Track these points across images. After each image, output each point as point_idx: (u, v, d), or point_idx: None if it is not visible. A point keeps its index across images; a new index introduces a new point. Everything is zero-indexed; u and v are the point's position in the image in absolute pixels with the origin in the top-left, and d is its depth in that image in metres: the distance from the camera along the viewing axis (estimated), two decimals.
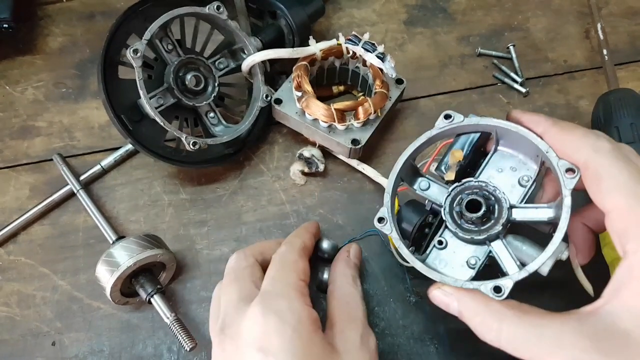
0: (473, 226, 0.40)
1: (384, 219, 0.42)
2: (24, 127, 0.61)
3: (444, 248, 0.42)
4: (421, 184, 0.45)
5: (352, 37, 0.56)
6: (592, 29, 0.65)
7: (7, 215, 0.56)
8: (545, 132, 0.39)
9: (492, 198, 0.40)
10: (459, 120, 0.42)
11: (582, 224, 0.42)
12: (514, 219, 0.40)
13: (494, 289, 0.36)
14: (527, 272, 0.36)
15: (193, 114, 0.57)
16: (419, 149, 0.43)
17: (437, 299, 0.38)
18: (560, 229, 0.36)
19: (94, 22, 0.67)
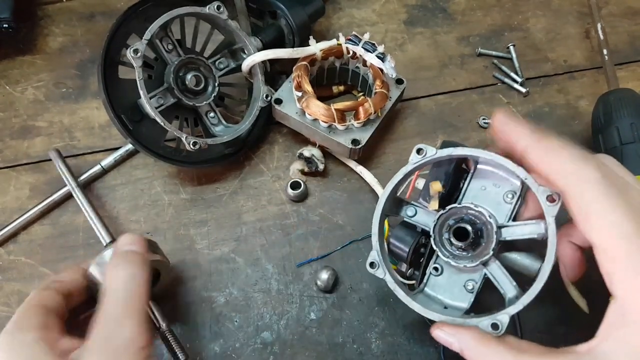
0: (465, 252, 0.40)
1: (375, 263, 0.42)
2: (24, 127, 0.61)
3: (441, 274, 0.42)
4: (407, 212, 0.44)
5: (352, 37, 0.56)
6: (592, 29, 0.65)
7: (8, 215, 0.56)
8: (528, 149, 0.36)
9: (479, 221, 0.40)
10: (432, 154, 0.41)
11: (569, 242, 0.40)
12: (504, 238, 0.40)
13: (492, 326, 0.36)
14: (522, 305, 0.36)
15: (193, 114, 0.57)
16: (397, 186, 0.43)
17: (440, 339, 0.38)
18: (548, 261, 0.36)
19: (94, 22, 0.67)
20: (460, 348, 0.37)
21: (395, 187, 0.43)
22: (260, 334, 0.51)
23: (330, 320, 0.51)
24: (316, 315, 0.51)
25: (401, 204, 0.45)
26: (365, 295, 0.52)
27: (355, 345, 0.50)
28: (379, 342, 0.50)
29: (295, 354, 0.50)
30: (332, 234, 0.55)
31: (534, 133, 0.36)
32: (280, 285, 0.53)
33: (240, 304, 0.52)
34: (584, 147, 0.36)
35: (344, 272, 0.53)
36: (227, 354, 0.50)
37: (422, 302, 0.40)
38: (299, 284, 0.53)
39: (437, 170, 0.43)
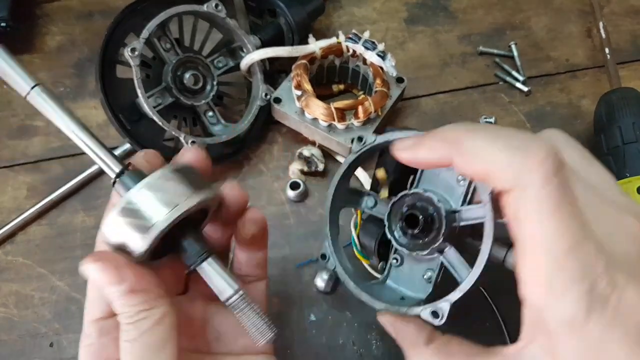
0: (418, 240, 0.38)
1: (326, 255, 0.41)
2: (22, 127, 0.60)
3: (401, 264, 0.41)
4: (367, 203, 0.43)
5: (352, 36, 0.55)
6: (594, 28, 0.65)
7: (5, 215, 0.56)
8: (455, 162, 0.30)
9: (431, 207, 0.38)
10: (371, 141, 0.41)
11: None
12: (458, 224, 0.38)
13: (432, 314, 0.35)
14: (461, 292, 0.35)
15: (192, 113, 0.56)
16: (345, 176, 0.42)
17: (384, 326, 0.37)
18: (486, 240, 0.34)
19: (93, 21, 0.67)
20: (397, 340, 0.36)
21: (344, 179, 0.42)
22: None
23: (330, 322, 0.51)
24: (316, 316, 0.51)
25: (361, 196, 0.44)
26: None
27: (356, 346, 0.50)
28: (380, 343, 0.50)
29: (295, 355, 0.49)
30: None
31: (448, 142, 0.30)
32: (280, 286, 0.52)
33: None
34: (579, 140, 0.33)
35: None
36: None
37: (384, 294, 0.39)
38: (298, 285, 0.52)
39: (383, 159, 0.42)
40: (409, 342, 0.36)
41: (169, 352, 0.31)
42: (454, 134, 0.30)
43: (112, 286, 0.30)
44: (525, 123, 0.61)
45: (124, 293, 0.30)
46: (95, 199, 0.56)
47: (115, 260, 0.30)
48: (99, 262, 0.30)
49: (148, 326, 0.31)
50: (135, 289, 0.31)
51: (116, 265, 0.30)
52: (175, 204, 0.31)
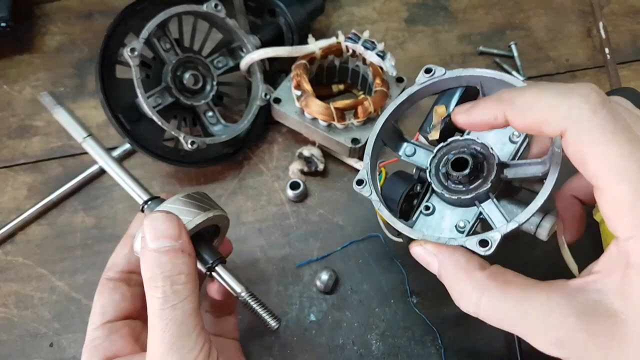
0: (461, 186, 0.37)
1: (364, 180, 0.39)
2: (22, 127, 0.60)
3: (432, 214, 0.39)
4: (406, 150, 0.42)
5: (352, 35, 0.55)
6: (594, 28, 0.65)
7: (5, 215, 0.56)
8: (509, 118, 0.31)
9: (481, 155, 0.37)
10: (440, 74, 0.38)
11: (572, 197, 0.38)
12: (505, 176, 0.37)
13: (479, 243, 0.33)
14: (517, 223, 0.33)
15: (191, 114, 0.56)
16: (400, 108, 0.40)
17: (419, 257, 0.35)
18: (546, 185, 0.33)
19: (92, 21, 0.67)
20: (438, 271, 0.34)
21: (397, 110, 0.40)
22: (260, 335, 0.50)
23: (330, 322, 0.51)
24: (316, 316, 0.51)
25: (401, 140, 0.42)
26: (366, 297, 0.52)
27: (356, 346, 0.50)
28: (380, 343, 0.50)
29: (295, 355, 0.49)
30: (332, 234, 0.54)
31: (501, 101, 0.32)
32: (280, 287, 0.52)
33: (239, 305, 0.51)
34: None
35: (344, 273, 0.52)
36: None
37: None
38: (298, 285, 0.52)
39: (444, 97, 0.40)
40: (458, 268, 0.33)
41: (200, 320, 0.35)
42: (506, 94, 0.32)
43: (171, 239, 0.34)
44: None
45: (177, 250, 0.34)
46: (95, 199, 0.56)
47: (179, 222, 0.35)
48: (170, 215, 0.35)
49: (186, 295, 0.34)
50: (185, 251, 0.35)
51: (180, 225, 0.35)
52: (188, 220, 0.37)
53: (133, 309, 0.42)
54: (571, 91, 0.29)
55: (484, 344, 0.50)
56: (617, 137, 0.28)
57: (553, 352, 0.29)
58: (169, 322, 0.33)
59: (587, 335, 0.28)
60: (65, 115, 0.42)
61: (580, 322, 0.28)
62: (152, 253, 0.34)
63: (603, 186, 0.29)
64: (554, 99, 0.30)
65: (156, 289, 0.34)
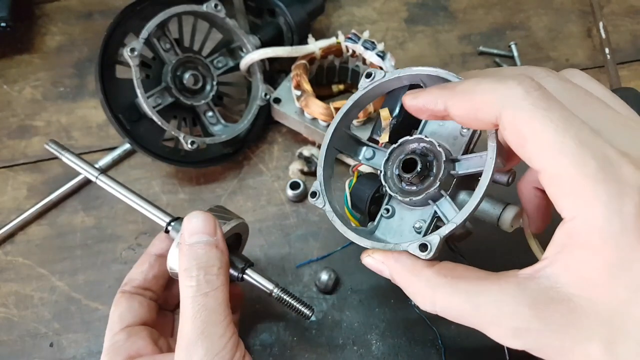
0: (414, 187, 0.37)
1: (317, 192, 0.39)
2: (22, 127, 0.60)
3: (392, 216, 0.39)
4: (365, 153, 0.42)
5: (352, 36, 0.55)
6: (594, 28, 0.65)
7: (5, 215, 0.56)
8: (449, 105, 0.32)
9: (430, 154, 0.37)
10: (380, 77, 0.38)
11: (534, 188, 0.37)
12: (457, 172, 0.37)
13: (420, 247, 0.33)
14: (454, 224, 0.33)
15: (191, 114, 0.56)
16: (347, 116, 0.41)
17: (370, 266, 0.35)
18: (486, 170, 0.33)
19: (92, 21, 0.67)
20: (390, 275, 0.34)
21: (345, 118, 0.41)
22: (260, 335, 0.50)
23: (330, 322, 0.51)
24: (316, 316, 0.51)
25: (359, 145, 0.42)
26: (366, 297, 0.51)
27: (356, 346, 0.50)
28: (380, 343, 0.50)
29: (295, 355, 0.49)
30: (332, 234, 0.54)
31: (445, 87, 0.32)
32: None
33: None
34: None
35: (344, 273, 0.52)
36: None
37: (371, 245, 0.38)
38: (298, 285, 0.52)
39: (389, 100, 0.41)
40: (406, 270, 0.33)
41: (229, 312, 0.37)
42: (450, 84, 0.33)
43: (207, 235, 0.38)
44: None
45: (212, 244, 0.38)
46: (95, 199, 0.56)
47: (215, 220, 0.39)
48: (207, 214, 0.39)
49: (218, 285, 0.36)
50: (219, 247, 0.38)
51: (216, 223, 0.39)
52: None
53: (149, 318, 0.43)
54: (506, 78, 0.30)
55: (484, 344, 0.50)
56: (550, 114, 0.28)
57: (511, 343, 0.29)
58: (201, 308, 0.35)
59: (541, 323, 0.28)
60: (74, 158, 0.46)
61: (533, 311, 0.28)
62: (189, 247, 0.37)
63: (542, 166, 0.28)
64: (489, 85, 0.30)
65: (190, 278, 0.36)
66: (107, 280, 0.53)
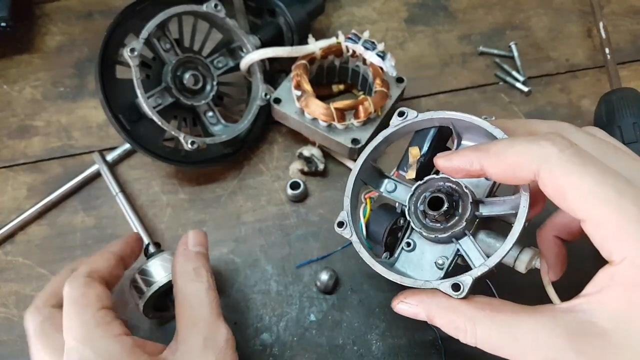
0: (438, 224, 0.39)
1: (344, 223, 0.41)
2: (22, 127, 0.60)
3: (413, 250, 0.41)
4: (387, 186, 0.43)
5: (352, 36, 0.55)
6: (594, 28, 0.65)
7: (5, 215, 0.56)
8: (485, 166, 0.34)
9: (456, 194, 0.39)
10: (413, 116, 0.40)
11: (554, 237, 0.39)
12: (480, 213, 0.38)
13: (452, 287, 0.35)
14: (487, 267, 0.34)
15: (192, 114, 0.56)
16: (376, 150, 0.42)
17: (404, 312, 0.37)
18: (519, 219, 0.34)
19: (92, 21, 0.67)
20: (427, 317, 0.35)
21: (374, 152, 0.42)
22: (260, 335, 0.50)
23: (330, 322, 0.51)
24: (316, 316, 0.51)
25: (382, 178, 0.44)
26: (366, 297, 0.52)
27: (356, 347, 0.50)
28: (380, 343, 0.50)
29: (295, 355, 0.49)
30: (332, 234, 0.54)
31: (478, 149, 0.34)
32: (280, 287, 0.52)
33: (239, 305, 0.51)
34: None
35: (344, 273, 0.52)
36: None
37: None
38: (298, 285, 0.52)
39: (418, 137, 0.42)
40: (444, 309, 0.34)
41: None
42: (482, 145, 0.35)
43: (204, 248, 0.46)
44: None
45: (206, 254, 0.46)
46: (95, 199, 0.56)
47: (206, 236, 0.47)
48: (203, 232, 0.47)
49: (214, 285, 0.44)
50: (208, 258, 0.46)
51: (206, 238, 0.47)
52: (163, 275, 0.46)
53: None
54: (538, 138, 0.32)
55: None
56: (587, 169, 0.30)
57: None
58: (214, 299, 0.42)
59: (576, 354, 0.29)
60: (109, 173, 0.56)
61: (568, 342, 0.29)
62: (196, 253, 0.44)
63: (586, 216, 0.30)
64: (523, 145, 0.32)
65: (201, 277, 0.42)
66: None
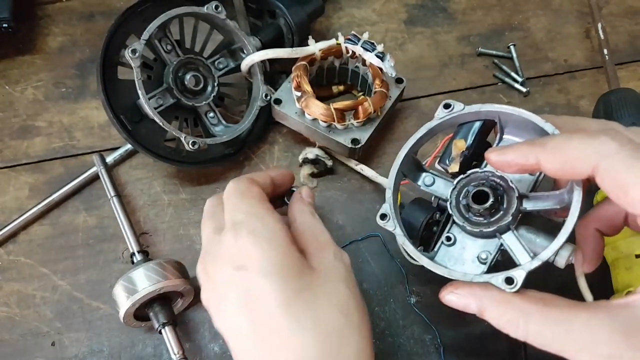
0: (482, 219, 0.38)
1: (387, 215, 0.40)
2: (24, 127, 0.61)
3: (453, 244, 0.40)
4: (425, 180, 0.43)
5: (352, 37, 0.56)
6: (593, 29, 0.65)
7: (7, 215, 0.56)
8: (541, 161, 0.34)
9: (500, 188, 0.38)
10: (459, 109, 0.40)
11: (595, 230, 0.39)
12: (525, 208, 0.38)
13: (505, 281, 0.34)
14: (540, 261, 0.34)
15: (193, 114, 0.57)
16: (419, 142, 0.42)
17: (453, 303, 0.36)
18: (572, 214, 0.34)
19: (94, 21, 0.67)
20: (478, 309, 0.35)
21: (417, 144, 0.42)
22: None
23: None
24: None
25: (420, 170, 0.43)
26: (366, 296, 0.52)
27: None
28: (379, 342, 0.50)
29: None
30: (332, 234, 0.53)
31: (534, 144, 0.34)
32: None
33: None
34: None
35: None
36: (227, 354, 0.50)
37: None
38: None
39: (462, 131, 0.41)
40: (497, 302, 0.34)
41: None
42: (538, 139, 0.35)
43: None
44: None
45: None
46: (97, 199, 0.57)
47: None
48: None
49: None
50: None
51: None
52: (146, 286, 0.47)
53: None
54: (597, 133, 0.32)
55: (483, 343, 0.50)
56: None
57: None
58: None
59: (635, 351, 0.29)
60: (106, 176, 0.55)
61: (627, 338, 0.29)
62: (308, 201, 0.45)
63: None
64: (581, 140, 0.32)
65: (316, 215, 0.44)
66: (108, 280, 0.53)
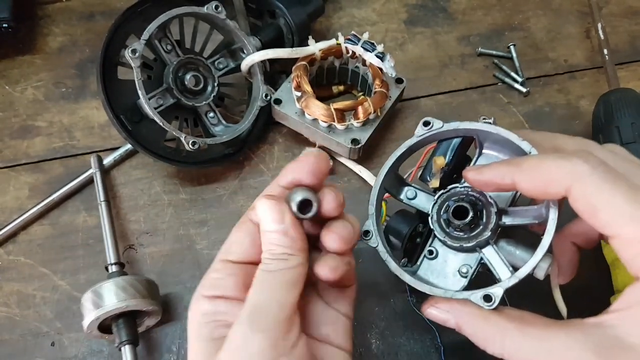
0: (462, 233, 0.39)
1: (369, 232, 0.41)
2: (24, 127, 0.61)
3: (435, 258, 0.41)
4: (407, 193, 0.44)
5: (352, 37, 0.56)
6: (593, 29, 0.65)
7: (7, 215, 0.56)
8: (516, 181, 0.34)
9: (480, 203, 0.39)
10: (438, 127, 0.41)
11: (571, 243, 0.40)
12: (504, 223, 0.39)
13: (484, 298, 0.35)
14: (517, 279, 0.35)
15: (193, 114, 0.57)
16: (400, 159, 0.43)
17: (434, 317, 0.37)
18: (549, 231, 0.35)
19: (94, 22, 0.67)
20: (457, 324, 0.36)
21: (398, 161, 0.42)
22: None
23: None
24: None
25: (402, 185, 0.44)
26: (365, 296, 0.52)
27: (356, 346, 0.50)
28: (379, 342, 0.50)
29: None
30: None
31: (510, 164, 0.35)
32: None
33: None
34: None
35: None
36: None
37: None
38: None
39: (441, 147, 0.42)
40: (475, 318, 0.35)
41: (294, 295, 0.34)
42: (514, 159, 0.36)
43: (274, 223, 0.35)
44: (524, 124, 0.61)
45: (280, 232, 0.35)
46: (97, 199, 0.57)
47: (282, 205, 0.35)
48: (272, 200, 0.35)
49: (285, 266, 0.34)
50: (288, 234, 0.35)
51: (282, 210, 0.35)
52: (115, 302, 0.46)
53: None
54: (570, 155, 0.33)
55: None
56: (618, 187, 0.31)
57: None
58: None
59: None
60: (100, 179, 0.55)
61: (598, 356, 0.30)
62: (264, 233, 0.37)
63: (616, 233, 0.31)
64: (555, 162, 0.33)
65: None
66: None
